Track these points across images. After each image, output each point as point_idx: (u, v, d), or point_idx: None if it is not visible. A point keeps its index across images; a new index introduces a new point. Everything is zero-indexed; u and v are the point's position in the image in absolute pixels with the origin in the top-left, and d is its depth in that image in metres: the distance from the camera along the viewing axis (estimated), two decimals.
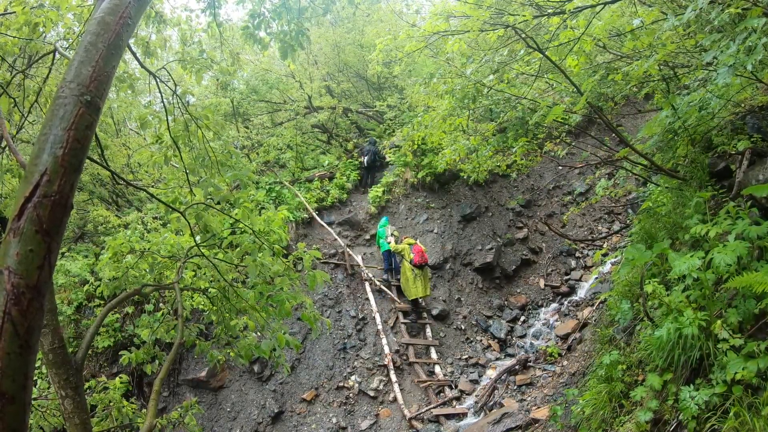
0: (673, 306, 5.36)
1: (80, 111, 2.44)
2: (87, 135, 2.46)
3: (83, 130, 2.43)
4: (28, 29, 6.46)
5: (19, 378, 1.96)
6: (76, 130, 2.39)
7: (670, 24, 6.17)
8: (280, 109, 21.05)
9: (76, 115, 2.42)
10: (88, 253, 15.31)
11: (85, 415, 4.25)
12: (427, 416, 12.65)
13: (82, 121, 2.44)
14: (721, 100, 6.73)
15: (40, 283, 2.10)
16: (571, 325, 13.73)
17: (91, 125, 2.49)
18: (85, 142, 2.44)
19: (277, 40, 6.62)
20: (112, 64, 2.71)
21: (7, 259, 2.06)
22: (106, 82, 2.63)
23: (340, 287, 15.83)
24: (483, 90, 8.07)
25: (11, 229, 2.16)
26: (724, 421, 4.55)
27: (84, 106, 2.46)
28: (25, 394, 1.98)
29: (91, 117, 2.49)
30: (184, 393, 13.70)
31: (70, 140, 2.35)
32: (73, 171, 2.35)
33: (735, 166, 6.75)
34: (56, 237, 2.24)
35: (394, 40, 9.77)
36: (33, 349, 2.05)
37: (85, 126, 2.44)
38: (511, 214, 18.45)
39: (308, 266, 5.71)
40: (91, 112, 2.49)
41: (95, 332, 4.91)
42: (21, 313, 2.00)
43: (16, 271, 2.04)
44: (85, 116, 2.45)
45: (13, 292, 2.01)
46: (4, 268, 2.05)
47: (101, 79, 2.59)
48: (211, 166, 5.91)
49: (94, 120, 2.51)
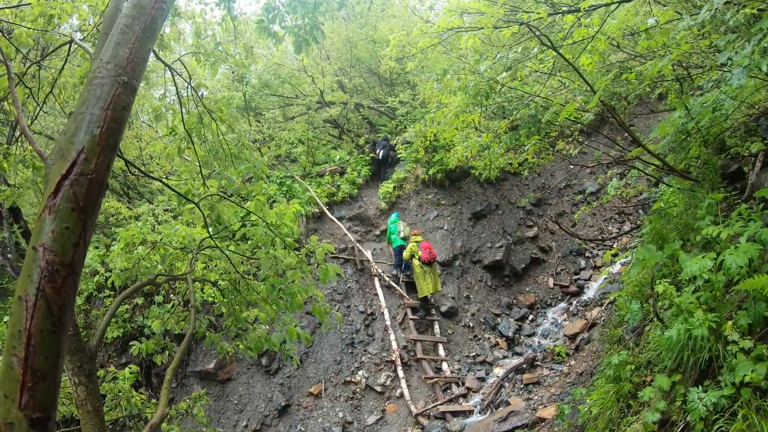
0: (683, 307, 5.34)
1: (117, 91, 2.47)
2: (123, 115, 2.49)
3: (120, 111, 2.46)
4: (43, 21, 6.50)
5: (51, 356, 1.97)
6: (114, 110, 2.42)
7: (685, 24, 6.14)
8: (292, 104, 21.05)
9: (114, 95, 2.45)
10: (98, 244, 15.40)
11: (98, 403, 4.29)
12: (433, 413, 12.67)
13: (120, 102, 2.47)
14: (735, 101, 6.70)
15: (75, 261, 2.10)
16: (579, 325, 13.71)
17: (127, 106, 2.52)
18: (121, 122, 2.47)
19: (291, 34, 6.63)
20: (148, 47, 2.75)
21: (42, 236, 2.06)
22: (141, 64, 2.67)
23: (349, 282, 15.85)
24: (496, 87, 8.06)
25: (46, 206, 2.15)
26: (732, 423, 4.53)
27: (121, 87, 2.50)
28: (57, 373, 1.99)
29: (128, 98, 2.53)
30: (192, 384, 13.78)
31: (107, 119, 2.38)
32: (110, 150, 2.39)
33: (748, 168, 6.72)
34: (92, 215, 2.25)
35: (407, 36, 9.77)
36: (65, 327, 2.06)
37: (122, 106, 2.48)
38: (522, 213, 18.43)
39: (320, 259, 5.73)
40: (127, 93, 2.52)
41: (109, 320, 4.94)
42: (55, 290, 2.01)
43: (51, 248, 2.05)
44: (122, 96, 2.49)
45: (47, 270, 2.01)
46: (39, 245, 2.06)
47: (137, 61, 2.63)
48: (224, 158, 5.93)
49: (130, 101, 2.55)
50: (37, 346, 1.92)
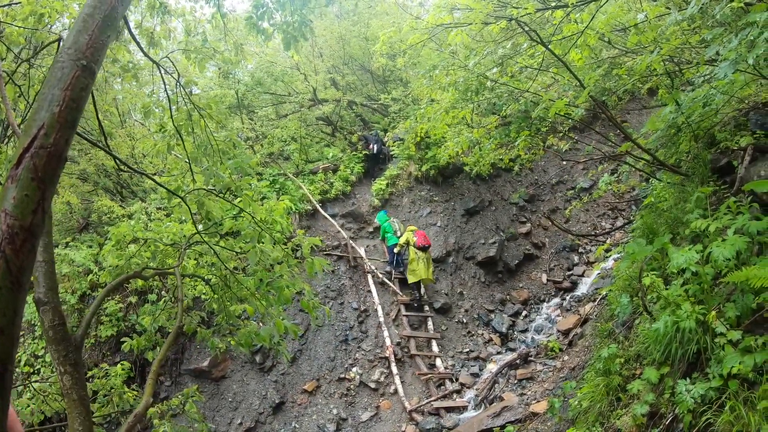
0: (671, 299, 5.37)
1: (76, 73, 2.67)
2: (82, 96, 2.69)
3: (78, 91, 2.65)
4: (34, 19, 6.52)
5: (8, 312, 2.12)
6: (72, 90, 2.61)
7: (673, 19, 6.17)
8: (285, 102, 21.00)
9: (73, 77, 2.64)
10: (92, 243, 15.36)
11: (83, 391, 4.37)
12: (427, 409, 12.69)
13: (78, 83, 2.66)
14: (725, 96, 6.73)
15: (33, 225, 2.27)
16: (572, 320, 13.74)
17: (86, 87, 2.72)
18: (80, 102, 2.66)
19: (280, 32, 6.64)
20: (107, 34, 2.95)
21: (5, 203, 2.23)
22: (101, 50, 2.88)
23: (342, 279, 15.86)
24: (486, 83, 8.07)
25: (10, 176, 2.33)
26: (720, 415, 4.57)
27: (80, 70, 2.69)
28: (14, 329, 2.13)
29: (86, 80, 2.72)
30: (186, 383, 13.75)
31: (66, 99, 2.57)
32: (68, 127, 2.57)
33: (737, 162, 6.76)
34: (50, 185, 2.43)
35: (398, 32, 9.77)
36: (23, 287, 2.22)
37: (80, 87, 2.67)
38: (515, 209, 18.46)
39: (307, 253, 5.74)
40: (86, 75, 2.71)
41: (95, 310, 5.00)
42: (14, 251, 2.17)
43: (12, 213, 2.21)
44: (80, 78, 2.68)
45: (8, 232, 2.17)
46: (1, 210, 2.22)
47: (96, 47, 2.84)
48: (212, 154, 5.94)
49: (89, 82, 2.75)
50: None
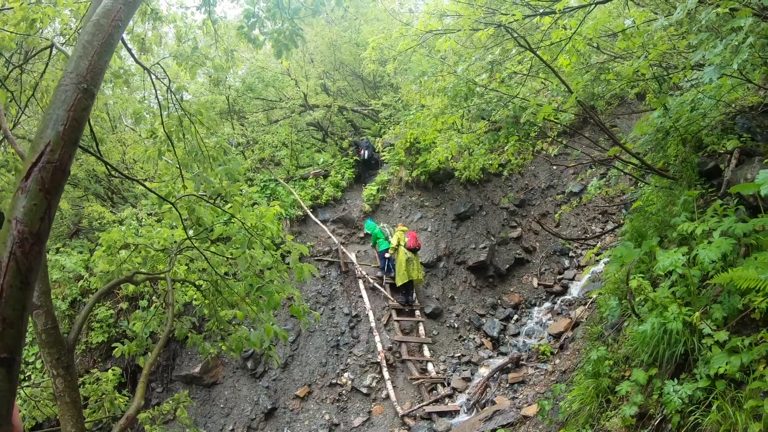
0: (658, 302, 5.42)
1: (78, 96, 2.97)
2: (83, 116, 2.99)
3: (80, 111, 2.96)
4: (26, 25, 6.55)
5: (18, 308, 2.43)
6: (75, 111, 2.92)
7: (659, 24, 6.24)
8: (276, 107, 21.01)
9: (75, 100, 2.95)
10: (83, 249, 15.33)
11: (76, 394, 4.44)
12: (419, 413, 12.70)
13: (80, 104, 2.97)
14: (712, 100, 6.81)
15: (40, 231, 2.59)
16: (563, 323, 13.80)
17: (87, 108, 3.03)
18: (81, 121, 2.96)
19: (271, 40, 6.67)
20: (105, 59, 3.27)
21: (15, 211, 2.56)
22: (99, 74, 3.19)
23: (333, 284, 15.87)
24: (475, 88, 8.13)
25: (20, 187, 2.64)
26: (708, 414, 4.62)
27: (81, 93, 2.99)
28: (22, 323, 2.45)
29: (87, 101, 3.03)
30: (178, 389, 13.73)
31: (69, 119, 2.87)
32: (72, 144, 2.85)
33: (724, 165, 6.83)
34: (55, 196, 2.73)
35: (387, 39, 9.82)
36: (31, 286, 2.54)
37: (82, 108, 2.97)
38: (505, 213, 18.52)
39: (295, 259, 5.77)
40: (87, 98, 3.03)
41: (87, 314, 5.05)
42: (24, 254, 2.49)
43: (23, 220, 2.54)
44: (82, 100, 2.98)
45: (18, 237, 2.51)
46: (12, 218, 2.55)
47: (96, 71, 3.14)
48: (203, 160, 5.97)
49: (89, 104, 3.06)
50: (7, 299, 2.39)
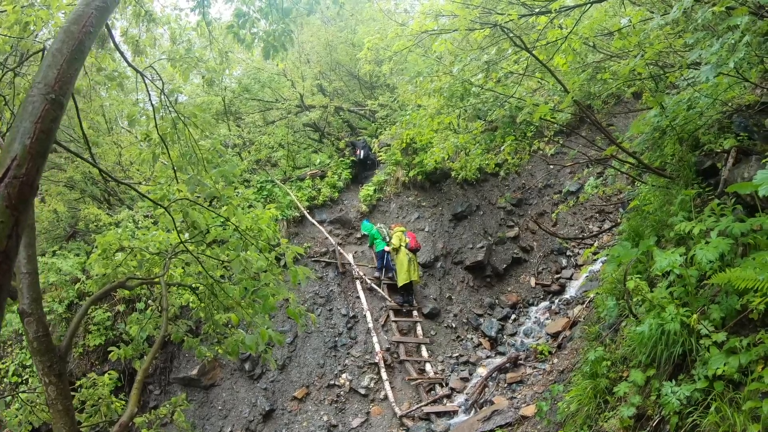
0: (655, 302, 5.40)
1: (46, 107, 2.89)
2: (52, 127, 2.90)
3: (48, 123, 2.87)
4: (19, 28, 6.52)
5: None
6: (42, 123, 2.83)
7: (655, 23, 6.23)
8: (272, 108, 20.97)
9: (43, 110, 2.86)
10: (79, 252, 15.29)
11: (68, 402, 4.42)
12: (418, 414, 12.68)
13: (48, 116, 2.88)
14: (709, 98, 6.79)
15: (8, 249, 2.51)
16: (561, 323, 13.79)
17: (55, 119, 2.94)
18: (50, 133, 2.88)
19: (261, 41, 6.65)
20: (75, 67, 3.20)
21: None
22: (69, 83, 3.11)
23: (331, 285, 15.84)
24: (471, 89, 8.10)
25: None
26: (706, 416, 4.59)
27: (49, 103, 2.92)
28: None
29: (55, 112, 2.95)
30: (176, 391, 13.70)
31: (37, 131, 2.79)
32: (39, 157, 2.79)
33: (721, 164, 6.81)
34: (23, 212, 2.64)
35: (383, 39, 9.79)
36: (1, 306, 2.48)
37: (50, 119, 2.89)
38: (502, 213, 18.50)
39: (290, 261, 5.75)
40: (55, 108, 2.94)
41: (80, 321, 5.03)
42: None
43: None
44: (50, 111, 2.90)
45: None
46: None
47: (65, 80, 3.07)
48: (197, 163, 5.95)
49: (58, 115, 2.97)
50: None
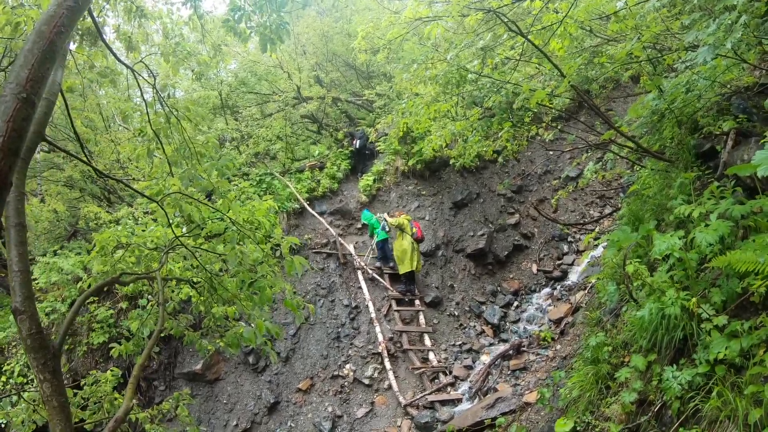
0: (656, 286, 5.37)
1: (18, 106, 2.95)
2: (24, 126, 2.98)
3: (20, 122, 2.94)
4: (10, 28, 6.48)
5: None
6: (14, 122, 2.89)
7: (651, 5, 6.17)
8: (270, 101, 20.90)
9: (14, 109, 2.92)
10: (80, 251, 15.27)
11: (64, 399, 4.41)
12: (422, 403, 12.70)
13: (20, 114, 2.94)
14: (707, 81, 6.73)
15: None
16: (563, 309, 13.79)
17: (27, 117, 3.01)
18: (22, 131, 2.96)
19: (257, 34, 6.61)
20: (46, 67, 3.26)
21: None
22: (41, 82, 3.18)
23: (332, 276, 15.83)
24: (467, 75, 8.04)
25: None
26: (708, 400, 4.56)
27: (21, 102, 2.98)
28: None
29: (27, 111, 3.01)
30: (181, 387, 13.71)
31: (9, 130, 2.86)
32: (12, 155, 2.84)
33: (720, 146, 6.76)
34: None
35: (377, 28, 9.73)
36: None
37: (22, 118, 2.95)
38: (503, 200, 18.46)
39: (286, 252, 5.72)
40: (27, 107, 3.01)
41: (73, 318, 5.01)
42: None
43: None
44: (21, 110, 2.96)
45: None
46: None
47: (36, 80, 3.13)
48: (191, 157, 5.91)
49: (30, 113, 3.05)
50: None
